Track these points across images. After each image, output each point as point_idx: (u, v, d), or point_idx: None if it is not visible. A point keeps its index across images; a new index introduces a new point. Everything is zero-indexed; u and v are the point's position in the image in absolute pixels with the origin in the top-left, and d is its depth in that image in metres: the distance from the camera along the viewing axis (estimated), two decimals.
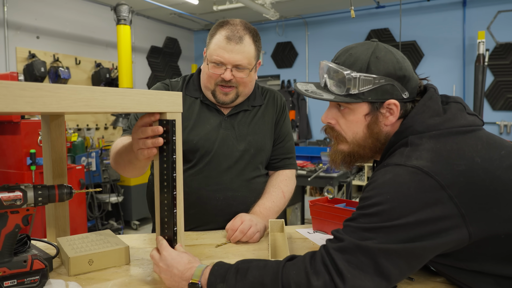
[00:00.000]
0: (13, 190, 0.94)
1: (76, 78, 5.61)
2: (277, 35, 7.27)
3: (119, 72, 5.26)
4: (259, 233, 1.33)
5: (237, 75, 1.40)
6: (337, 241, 0.84)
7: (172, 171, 1.02)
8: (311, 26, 6.96)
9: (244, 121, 1.51)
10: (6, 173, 2.90)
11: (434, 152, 0.85)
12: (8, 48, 4.87)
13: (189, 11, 6.54)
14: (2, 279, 0.92)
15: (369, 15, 6.42)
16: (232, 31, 1.38)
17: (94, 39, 5.98)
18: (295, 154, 1.64)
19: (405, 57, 0.97)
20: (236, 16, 6.92)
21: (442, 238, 0.81)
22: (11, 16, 4.89)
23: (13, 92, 0.71)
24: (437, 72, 6.08)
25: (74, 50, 5.66)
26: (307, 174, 4.10)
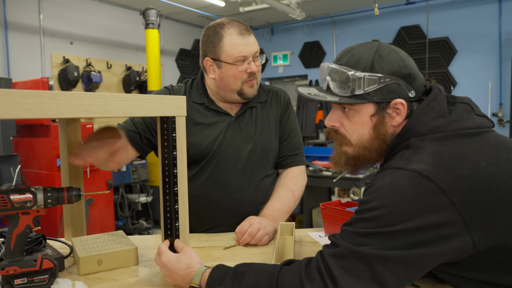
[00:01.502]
0: (24, 192, 0.99)
1: (107, 82, 5.79)
2: (304, 35, 7.21)
3: (148, 75, 5.39)
4: (268, 236, 1.33)
5: (257, 64, 1.44)
6: (332, 247, 0.82)
7: (173, 167, 1.04)
8: (339, 25, 6.86)
9: (250, 121, 1.51)
10: (38, 174, 3.03)
11: (436, 156, 0.81)
12: (44, 54, 5.09)
13: (216, 13, 6.60)
14: (13, 277, 0.96)
15: (398, 11, 6.26)
16: (238, 26, 1.41)
17: (125, 43, 6.15)
18: (303, 150, 1.61)
19: (409, 56, 0.94)
20: (262, 16, 6.94)
21: (443, 246, 0.77)
22: (47, 23, 5.11)
23: (13, 100, 0.74)
24: (471, 69, 5.85)
25: (105, 54, 5.85)
26: (332, 175, 4.05)
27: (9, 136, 2.55)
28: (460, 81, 5.94)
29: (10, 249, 0.98)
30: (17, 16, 4.81)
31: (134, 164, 5.14)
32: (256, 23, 7.33)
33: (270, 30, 7.54)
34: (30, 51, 4.97)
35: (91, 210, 3.18)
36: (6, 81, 2.47)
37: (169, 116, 1.04)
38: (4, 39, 4.69)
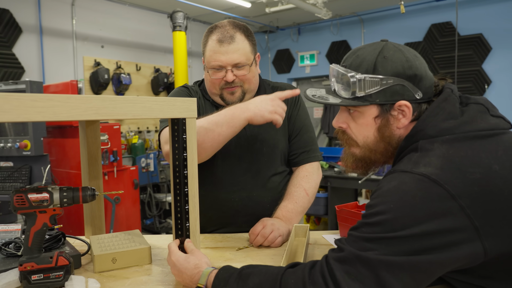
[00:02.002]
0: (41, 192, 1.03)
1: (136, 84, 5.93)
2: (331, 34, 7.13)
3: (175, 76, 5.48)
4: (281, 238, 1.32)
5: (239, 74, 1.41)
6: (338, 251, 0.81)
7: (183, 168, 1.06)
8: (367, 23, 6.74)
9: None
10: (68, 173, 3.15)
11: (445, 159, 0.79)
12: (76, 58, 5.28)
13: (243, 15, 6.63)
14: (30, 273, 1.00)
15: (429, 8, 6.07)
16: (222, 33, 1.39)
17: (153, 45, 6.28)
18: (317, 145, 1.58)
19: (418, 56, 0.91)
20: (289, 16, 6.91)
21: (451, 252, 0.74)
22: (79, 28, 5.30)
23: (24, 103, 0.77)
24: (507, 67, 5.59)
25: (135, 57, 6.00)
26: (358, 176, 3.99)
27: (39, 137, 2.66)
28: (495, 80, 5.70)
29: (28, 246, 1.03)
30: (51, 22, 5.01)
31: (162, 164, 5.25)
32: (283, 23, 7.31)
33: (297, 30, 7.49)
34: (64, 55, 5.17)
35: (118, 209, 3.27)
36: (37, 84, 2.58)
37: (179, 118, 1.06)
38: (40, 44, 4.89)
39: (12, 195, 1.01)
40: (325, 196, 4.49)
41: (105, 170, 3.20)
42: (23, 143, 2.58)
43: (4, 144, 2.64)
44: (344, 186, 4.28)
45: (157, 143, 6.19)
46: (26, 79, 2.58)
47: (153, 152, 5.23)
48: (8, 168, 2.74)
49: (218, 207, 1.46)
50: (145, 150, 5.45)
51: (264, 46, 7.76)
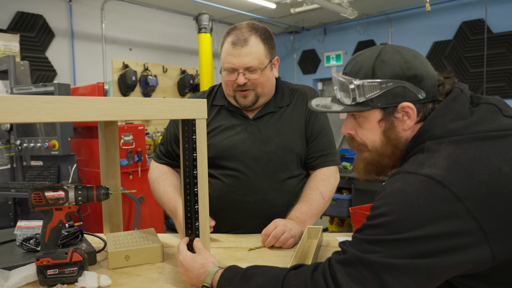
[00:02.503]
0: (57, 190, 1.07)
1: (163, 85, 6.05)
2: (358, 34, 7.03)
3: (200, 78, 5.55)
4: (293, 239, 1.31)
5: (250, 77, 1.41)
6: (341, 253, 0.80)
7: (193, 168, 1.07)
8: (394, 22, 6.60)
9: (271, 123, 1.50)
10: (95, 173, 3.25)
11: (451, 160, 0.76)
12: (105, 60, 5.44)
13: (268, 16, 6.64)
14: (46, 267, 1.04)
15: (460, 6, 5.88)
16: (236, 36, 1.40)
17: (180, 47, 6.39)
18: (335, 149, 1.56)
19: (418, 56, 0.89)
20: (314, 17, 6.87)
21: (457, 256, 0.72)
22: (108, 31, 5.46)
23: (36, 105, 0.81)
24: None
25: (161, 59, 6.12)
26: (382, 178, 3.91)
27: (67, 137, 2.76)
28: None
29: (45, 241, 1.07)
30: (82, 26, 5.19)
31: None
32: (309, 23, 7.27)
33: (323, 30, 7.43)
34: (93, 58, 5.34)
35: (142, 208, 3.34)
36: (65, 86, 2.69)
37: (189, 118, 1.07)
38: (71, 47, 5.08)
39: (30, 193, 1.06)
40: (349, 198, 4.43)
41: (129, 169, 3.28)
42: (51, 143, 2.69)
43: (34, 144, 2.76)
44: (368, 188, 4.21)
45: None
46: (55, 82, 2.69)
47: None
48: (38, 167, 2.86)
49: (232, 209, 1.47)
50: None
51: (289, 47, 7.74)
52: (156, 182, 1.56)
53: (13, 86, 2.75)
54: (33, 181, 2.81)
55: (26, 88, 2.68)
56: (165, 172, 1.58)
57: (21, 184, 2.68)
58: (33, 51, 4.67)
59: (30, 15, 4.67)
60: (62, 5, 4.99)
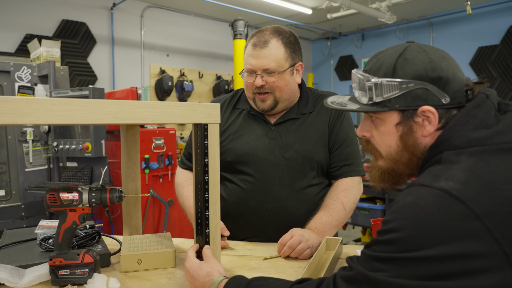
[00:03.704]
0: (71, 191, 1.08)
1: (198, 90, 6.15)
2: (397, 39, 6.83)
3: (235, 83, 5.59)
4: (310, 250, 1.26)
5: (268, 80, 1.38)
6: (347, 270, 0.75)
7: (204, 174, 1.05)
8: (436, 27, 6.36)
9: (292, 130, 1.46)
10: None
11: (471, 173, 0.69)
12: (144, 66, 5.60)
13: (304, 21, 6.60)
14: (58, 268, 1.05)
15: (508, 8, 5.57)
16: (258, 38, 1.38)
17: (216, 53, 6.48)
18: (360, 159, 1.50)
19: (446, 57, 0.82)
20: (352, 22, 6.75)
21: (474, 280, 0.65)
22: (147, 38, 5.62)
23: (44, 107, 0.82)
24: None
25: (197, 65, 6.23)
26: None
27: (100, 140, 2.85)
28: None
29: (58, 242, 1.09)
30: (122, 33, 5.38)
31: None
32: (346, 29, 7.16)
33: (361, 36, 7.29)
34: (132, 63, 5.51)
35: (171, 211, 3.38)
36: (99, 90, 2.78)
37: (201, 123, 1.06)
38: (111, 53, 5.27)
39: (45, 194, 1.08)
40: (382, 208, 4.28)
41: (160, 173, 3.33)
42: (85, 145, 2.78)
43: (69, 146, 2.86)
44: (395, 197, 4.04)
45: None
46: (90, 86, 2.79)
47: None
48: (73, 168, 2.97)
49: (250, 216, 1.44)
50: None
51: (326, 53, 7.65)
52: (180, 187, 1.57)
53: (52, 90, 2.88)
54: (68, 181, 2.92)
55: (63, 92, 2.79)
56: (190, 178, 1.58)
57: (57, 184, 2.78)
58: (75, 57, 4.88)
59: (74, 23, 4.89)
60: (104, 13, 5.19)
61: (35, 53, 3.25)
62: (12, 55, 4.17)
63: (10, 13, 4.41)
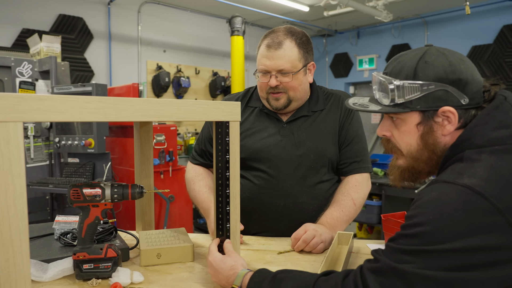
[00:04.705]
0: (94, 187, 1.10)
1: (195, 87, 6.15)
2: (392, 37, 6.89)
3: (232, 80, 5.60)
4: (323, 244, 1.30)
5: (283, 80, 1.42)
6: (373, 262, 0.79)
7: (225, 170, 1.08)
8: (431, 26, 6.43)
9: (304, 127, 1.50)
10: (129, 171, 3.33)
11: (493, 170, 0.74)
12: (140, 62, 5.58)
13: (301, 19, 6.62)
14: (82, 262, 1.08)
15: (501, 8, 5.66)
16: (272, 39, 1.41)
17: (212, 50, 6.47)
18: (368, 156, 1.54)
19: (464, 60, 0.86)
20: (348, 20, 6.79)
21: (496, 271, 0.70)
22: (144, 33, 5.60)
23: (78, 105, 0.84)
24: None
25: (194, 61, 6.22)
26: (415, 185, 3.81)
27: (102, 136, 2.86)
28: None
29: (81, 237, 1.11)
30: (119, 28, 5.35)
31: None
32: (342, 26, 7.20)
33: (356, 34, 7.34)
34: (129, 59, 5.49)
35: (172, 207, 3.40)
36: (102, 86, 2.78)
37: (223, 121, 1.09)
38: (108, 49, 5.24)
39: (68, 189, 1.10)
40: (378, 204, 4.35)
41: (161, 169, 3.35)
42: (88, 141, 2.78)
43: (72, 142, 2.86)
44: (399, 195, 4.12)
45: None
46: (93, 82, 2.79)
47: None
48: (75, 164, 2.97)
49: (262, 211, 1.48)
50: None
51: (321, 50, 7.68)
52: (192, 182, 1.59)
53: (54, 86, 2.87)
54: (69, 177, 2.92)
55: (66, 88, 2.79)
56: (201, 173, 1.61)
57: (58, 180, 2.79)
58: (72, 52, 4.85)
59: (71, 18, 4.86)
60: (101, 8, 5.16)
61: (35, 48, 3.24)
62: (9, 50, 4.14)
63: (7, 8, 4.36)
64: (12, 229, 0.77)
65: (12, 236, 0.77)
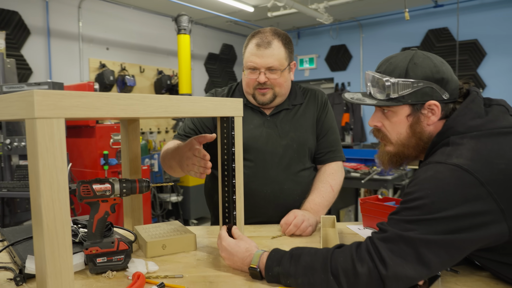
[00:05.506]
0: (104, 183, 1.13)
1: (140, 85, 6.02)
2: (330, 38, 7.29)
3: (179, 79, 5.59)
4: (311, 227, 1.44)
5: (271, 77, 1.54)
6: (381, 232, 0.93)
7: (231, 162, 1.17)
8: (365, 28, 6.91)
9: (286, 119, 1.63)
10: (83, 172, 3.23)
11: (474, 151, 0.91)
12: (82, 60, 5.36)
13: (245, 19, 6.76)
14: (96, 256, 1.10)
15: (426, 14, 6.26)
16: (261, 38, 1.53)
17: (157, 48, 6.38)
18: (341, 146, 1.72)
19: (444, 62, 1.04)
20: (290, 21, 7.06)
21: (481, 232, 0.87)
22: (85, 30, 5.38)
23: (111, 102, 0.88)
24: (501, 72, 5.79)
25: (138, 59, 6.09)
26: (360, 176, 4.12)
27: None
28: (489, 84, 5.89)
29: (92, 232, 1.13)
30: (58, 24, 5.09)
31: None
32: (283, 27, 7.46)
33: (297, 34, 7.64)
34: (70, 56, 5.25)
35: None
36: (59, 85, 2.68)
37: (229, 116, 1.17)
38: (47, 45, 4.97)
39: (78, 186, 1.11)
40: None
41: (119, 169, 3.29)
42: None
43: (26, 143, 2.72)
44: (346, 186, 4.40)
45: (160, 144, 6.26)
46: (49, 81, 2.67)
47: (157, 153, 5.31)
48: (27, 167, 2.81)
49: (251, 198, 1.57)
50: (148, 151, 5.54)
51: None
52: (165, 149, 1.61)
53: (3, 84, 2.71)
54: (23, 180, 2.77)
55: (17, 87, 2.65)
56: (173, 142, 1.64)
57: (12, 184, 2.64)
58: (7, 49, 4.54)
59: (5, 12, 4.54)
60: (38, 2, 4.88)
61: None
62: None
63: None
64: (57, 222, 0.80)
65: (57, 228, 0.80)
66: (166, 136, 6.44)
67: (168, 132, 6.48)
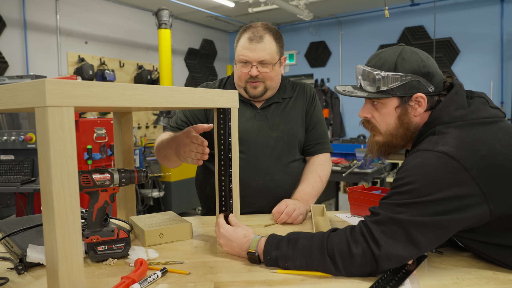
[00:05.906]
0: (103, 173, 1.15)
1: (120, 80, 5.95)
2: (310, 35, 7.38)
3: (160, 73, 5.56)
4: (302, 216, 1.49)
5: (262, 70, 1.59)
6: (373, 215, 0.99)
7: (228, 152, 1.21)
8: (344, 25, 7.03)
9: (276, 112, 1.68)
10: None
11: (458, 140, 0.98)
12: (60, 53, 5.25)
13: (225, 14, 6.77)
14: (96, 244, 1.13)
15: (403, 12, 6.43)
16: (253, 33, 1.57)
17: (137, 42, 6.32)
18: (328, 138, 1.78)
19: (429, 57, 1.11)
20: (270, 17, 7.11)
21: (465, 213, 0.94)
22: (63, 23, 5.27)
23: (118, 91, 0.91)
24: (474, 69, 6.02)
25: (118, 53, 6.02)
26: (341, 170, 4.22)
27: None
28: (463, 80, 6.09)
29: (92, 221, 1.15)
30: (35, 17, 4.97)
31: (147, 160, 5.31)
32: None
33: None
34: (48, 50, 5.14)
35: None
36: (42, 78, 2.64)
37: (225, 107, 1.21)
38: (24, 38, 4.85)
39: (78, 176, 1.13)
40: None
41: (103, 163, 3.27)
42: (28, 136, 2.63)
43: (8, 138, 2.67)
44: None
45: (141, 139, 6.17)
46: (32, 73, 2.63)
47: (138, 148, 5.28)
48: (10, 161, 2.77)
49: (243, 188, 1.61)
50: None
51: None
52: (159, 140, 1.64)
53: None
54: (5, 175, 2.73)
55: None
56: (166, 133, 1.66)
57: None
58: None
59: None
60: None
61: None
62: None
63: None
64: (67, 208, 0.82)
65: (67, 214, 0.82)
66: (146, 131, 6.40)
67: (148, 127, 6.43)
